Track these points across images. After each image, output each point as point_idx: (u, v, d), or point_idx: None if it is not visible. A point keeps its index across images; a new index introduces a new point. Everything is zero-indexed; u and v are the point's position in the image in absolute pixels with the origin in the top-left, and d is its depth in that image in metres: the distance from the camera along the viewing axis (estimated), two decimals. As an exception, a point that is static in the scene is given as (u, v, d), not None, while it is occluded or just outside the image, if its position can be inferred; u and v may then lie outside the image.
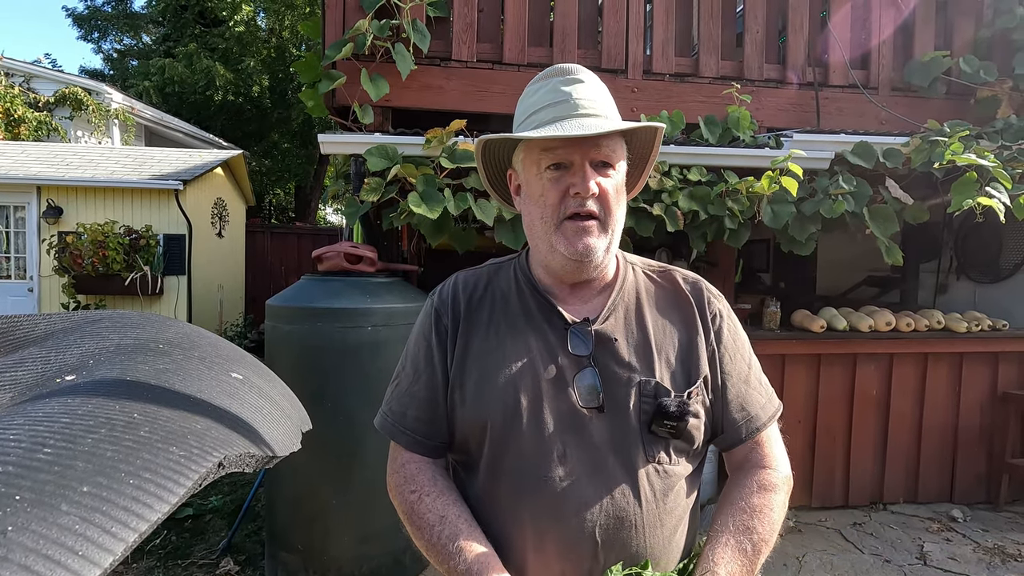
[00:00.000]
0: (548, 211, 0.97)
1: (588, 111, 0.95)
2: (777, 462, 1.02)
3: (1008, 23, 3.90)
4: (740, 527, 0.93)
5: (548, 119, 0.95)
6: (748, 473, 1.01)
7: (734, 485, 1.01)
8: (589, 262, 0.98)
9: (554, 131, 0.91)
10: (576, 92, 0.96)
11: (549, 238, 0.98)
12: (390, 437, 1.06)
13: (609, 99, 1.00)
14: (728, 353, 1.03)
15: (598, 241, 0.96)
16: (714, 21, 3.79)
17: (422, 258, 3.82)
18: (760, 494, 0.97)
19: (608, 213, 0.96)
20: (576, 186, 0.94)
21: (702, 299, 1.05)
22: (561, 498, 0.92)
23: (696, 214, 3.25)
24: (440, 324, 1.04)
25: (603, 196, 0.95)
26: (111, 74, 16.78)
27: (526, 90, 1.02)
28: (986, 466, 4.05)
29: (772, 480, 0.99)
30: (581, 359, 0.98)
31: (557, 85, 0.97)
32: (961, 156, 3.08)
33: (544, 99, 0.97)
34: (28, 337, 0.63)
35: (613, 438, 0.95)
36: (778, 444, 1.05)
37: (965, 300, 4.70)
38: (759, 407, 1.03)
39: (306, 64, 3.41)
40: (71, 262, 6.83)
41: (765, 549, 0.93)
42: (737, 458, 1.05)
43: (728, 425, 1.02)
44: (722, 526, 0.94)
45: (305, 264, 9.64)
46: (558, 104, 0.95)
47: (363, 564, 2.75)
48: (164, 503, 0.38)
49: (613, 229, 0.98)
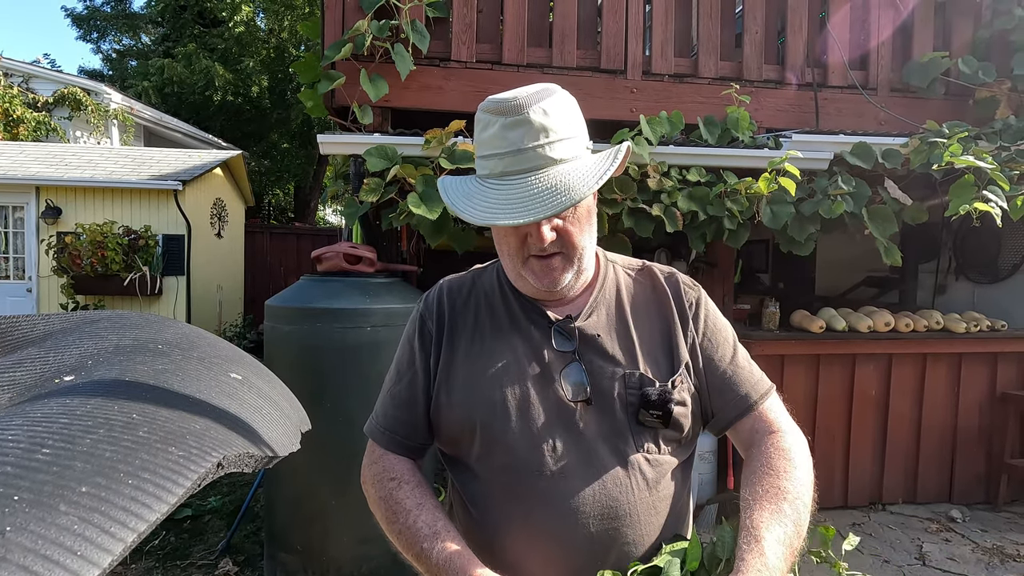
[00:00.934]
0: (512, 250, 0.98)
1: (538, 163, 0.90)
2: (786, 428, 1.01)
3: (1006, 24, 3.91)
4: (770, 489, 0.91)
5: (497, 171, 0.92)
6: (759, 443, 1.00)
7: (751, 458, 0.99)
8: (557, 291, 1.00)
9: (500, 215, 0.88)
10: (524, 140, 0.90)
11: (518, 271, 0.99)
12: (369, 436, 1.08)
13: (565, 126, 0.92)
14: (708, 338, 1.05)
15: (564, 274, 0.98)
16: (713, 22, 3.79)
17: (421, 258, 3.83)
18: (780, 456, 0.95)
19: (571, 247, 0.96)
20: (532, 237, 0.94)
21: (678, 290, 1.07)
22: (553, 492, 0.93)
23: (695, 215, 3.25)
24: (424, 329, 1.06)
25: (563, 236, 0.95)
26: (110, 74, 16.77)
27: (477, 116, 0.96)
28: (985, 466, 4.06)
29: (787, 442, 0.98)
30: (566, 354, 0.99)
31: (502, 130, 0.91)
32: (960, 158, 3.08)
33: (492, 145, 0.92)
34: (27, 337, 0.63)
35: (602, 430, 0.96)
36: (783, 414, 1.04)
37: (964, 300, 4.70)
38: (750, 386, 1.03)
39: (305, 64, 3.41)
40: (70, 262, 6.83)
41: (803, 508, 0.90)
42: (744, 434, 1.03)
43: (719, 407, 1.03)
44: (751, 494, 0.92)
45: (304, 264, 9.63)
46: (505, 156, 0.91)
47: (362, 565, 2.75)
48: (163, 503, 0.38)
49: (580, 255, 0.98)
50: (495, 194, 0.91)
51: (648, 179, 3.22)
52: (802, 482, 0.93)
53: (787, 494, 0.91)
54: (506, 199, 0.90)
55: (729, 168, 3.39)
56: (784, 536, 0.86)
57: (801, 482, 0.93)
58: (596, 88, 3.68)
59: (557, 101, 0.93)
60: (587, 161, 0.94)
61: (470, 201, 0.93)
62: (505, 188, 0.91)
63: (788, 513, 0.89)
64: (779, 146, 3.52)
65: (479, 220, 0.90)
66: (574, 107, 0.96)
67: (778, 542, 0.85)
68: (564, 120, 0.93)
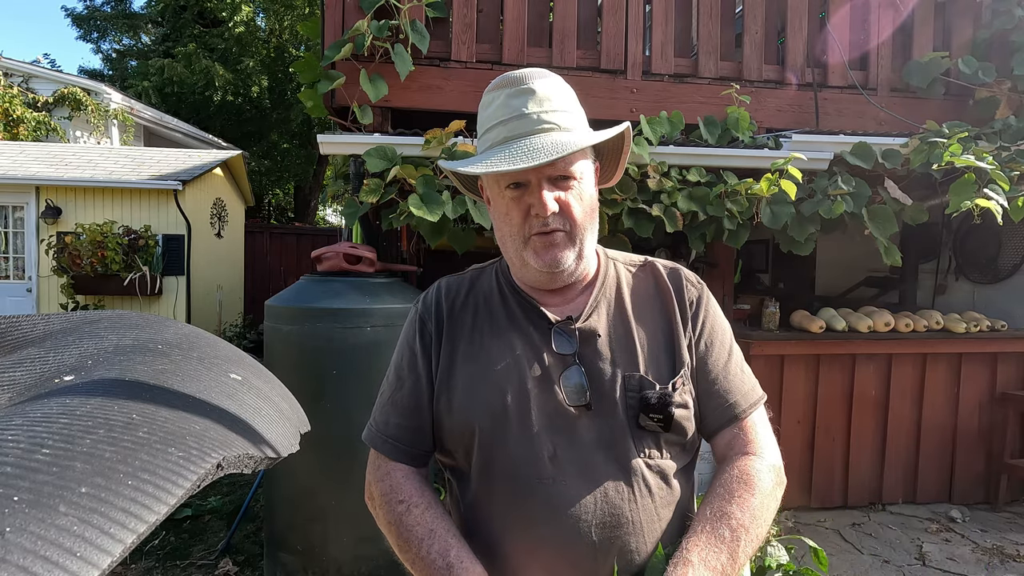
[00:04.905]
0: (515, 229, 0.97)
1: (540, 126, 0.93)
2: (762, 449, 0.98)
3: (1006, 24, 3.91)
4: (717, 513, 0.90)
5: (500, 139, 0.94)
6: (729, 460, 0.98)
7: (716, 474, 0.98)
8: (560, 272, 0.98)
9: (501, 163, 0.90)
10: (527, 105, 0.93)
11: (520, 253, 0.98)
12: (372, 447, 1.05)
13: (565, 100, 0.97)
14: (706, 340, 1.03)
15: (566, 253, 0.97)
16: (713, 22, 3.79)
17: (421, 258, 3.82)
18: (740, 479, 0.93)
19: (573, 224, 0.96)
20: (535, 207, 0.94)
21: (681, 286, 1.05)
22: (554, 500, 0.91)
23: (695, 215, 3.25)
24: (425, 330, 1.04)
25: (565, 209, 0.95)
26: (110, 74, 16.76)
27: (482, 100, 1.00)
28: (985, 466, 4.06)
29: (754, 466, 0.95)
30: (566, 357, 0.97)
31: (506, 99, 0.95)
32: (960, 158, 3.08)
33: (496, 115, 0.96)
34: (27, 337, 0.63)
35: (602, 435, 0.94)
36: (764, 432, 1.01)
37: (964, 301, 4.70)
38: (740, 394, 1.01)
39: (305, 64, 3.41)
40: (70, 262, 6.83)
41: (745, 535, 0.88)
42: (721, 447, 1.01)
43: (707, 412, 1.01)
44: (699, 515, 0.92)
45: (304, 264, 9.63)
46: (509, 121, 0.94)
47: (362, 565, 2.75)
48: (163, 504, 0.38)
49: (582, 237, 0.98)
50: (496, 153, 0.92)
51: (648, 179, 3.22)
52: (755, 509, 0.91)
53: (731, 519, 0.89)
54: (507, 154, 0.91)
55: (729, 168, 3.39)
56: (717, 564, 0.85)
57: (753, 509, 0.91)
58: (596, 88, 3.68)
59: (558, 81, 0.99)
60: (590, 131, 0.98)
61: (472, 162, 0.96)
62: (505, 147, 0.92)
63: (727, 539, 0.87)
64: (779, 146, 3.52)
65: (482, 170, 0.91)
66: (572, 92, 1.01)
67: (707, 567, 0.84)
68: (564, 96, 0.98)
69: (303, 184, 16.57)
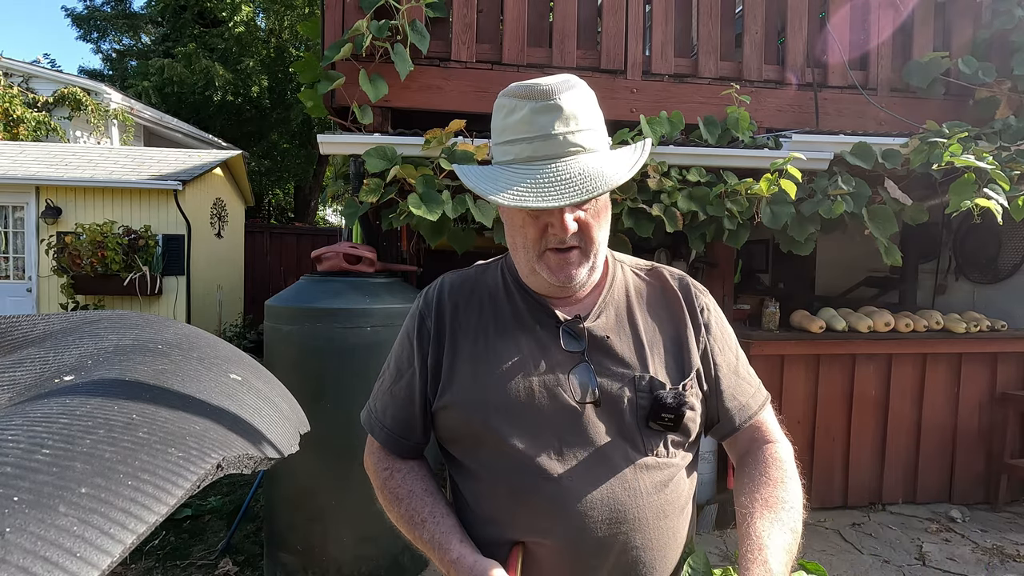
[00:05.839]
0: (529, 243, 0.95)
1: (568, 149, 0.89)
2: (779, 437, 1.07)
3: (1006, 24, 3.91)
4: (770, 500, 0.96)
5: (524, 156, 0.90)
6: (758, 451, 1.04)
7: (746, 464, 1.04)
8: (572, 286, 0.98)
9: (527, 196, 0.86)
10: (555, 126, 0.88)
11: (532, 264, 0.97)
12: (369, 431, 1.10)
13: (591, 116, 0.92)
14: (717, 345, 1.05)
15: (580, 269, 0.96)
16: (713, 22, 3.79)
17: (421, 258, 3.83)
18: (775, 466, 1.01)
19: (589, 241, 0.95)
20: (554, 227, 0.92)
21: (690, 294, 1.07)
22: (560, 496, 0.92)
23: (695, 215, 3.25)
24: (423, 327, 1.05)
25: (583, 229, 0.94)
26: (110, 74, 16.76)
27: (500, 101, 0.94)
28: (985, 466, 4.06)
29: (782, 452, 1.04)
30: (574, 355, 0.98)
31: (531, 114, 0.89)
32: (960, 158, 3.08)
33: (520, 129, 0.90)
34: (27, 337, 0.63)
35: (609, 433, 0.95)
36: (776, 425, 1.09)
37: (964, 301, 4.70)
38: (749, 396, 1.06)
39: (305, 64, 3.41)
40: (70, 262, 6.83)
41: (797, 517, 0.96)
42: (741, 444, 1.08)
43: (723, 415, 1.05)
44: (751, 504, 0.96)
45: (304, 264, 9.63)
46: (534, 140, 0.89)
47: (362, 565, 2.75)
48: (162, 505, 0.38)
49: (596, 251, 0.97)
50: (521, 178, 0.88)
51: (648, 179, 3.22)
52: (796, 492, 0.99)
53: (784, 504, 0.96)
54: (535, 183, 0.87)
55: (729, 168, 3.39)
56: (785, 543, 0.90)
57: (795, 492, 0.99)
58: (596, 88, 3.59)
59: (584, 92, 0.93)
60: (613, 153, 0.94)
61: (495, 184, 0.90)
62: (532, 172, 0.88)
63: (786, 522, 0.93)
64: (779, 146, 3.52)
65: (508, 202, 0.86)
66: (595, 101, 0.96)
67: (781, 549, 0.89)
68: (590, 111, 0.93)
69: (303, 184, 16.57)
